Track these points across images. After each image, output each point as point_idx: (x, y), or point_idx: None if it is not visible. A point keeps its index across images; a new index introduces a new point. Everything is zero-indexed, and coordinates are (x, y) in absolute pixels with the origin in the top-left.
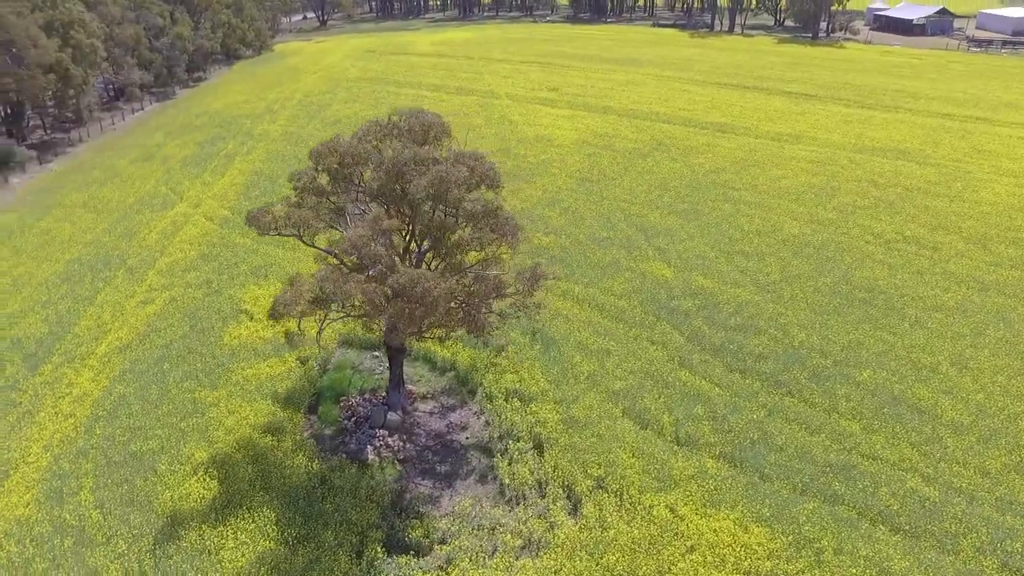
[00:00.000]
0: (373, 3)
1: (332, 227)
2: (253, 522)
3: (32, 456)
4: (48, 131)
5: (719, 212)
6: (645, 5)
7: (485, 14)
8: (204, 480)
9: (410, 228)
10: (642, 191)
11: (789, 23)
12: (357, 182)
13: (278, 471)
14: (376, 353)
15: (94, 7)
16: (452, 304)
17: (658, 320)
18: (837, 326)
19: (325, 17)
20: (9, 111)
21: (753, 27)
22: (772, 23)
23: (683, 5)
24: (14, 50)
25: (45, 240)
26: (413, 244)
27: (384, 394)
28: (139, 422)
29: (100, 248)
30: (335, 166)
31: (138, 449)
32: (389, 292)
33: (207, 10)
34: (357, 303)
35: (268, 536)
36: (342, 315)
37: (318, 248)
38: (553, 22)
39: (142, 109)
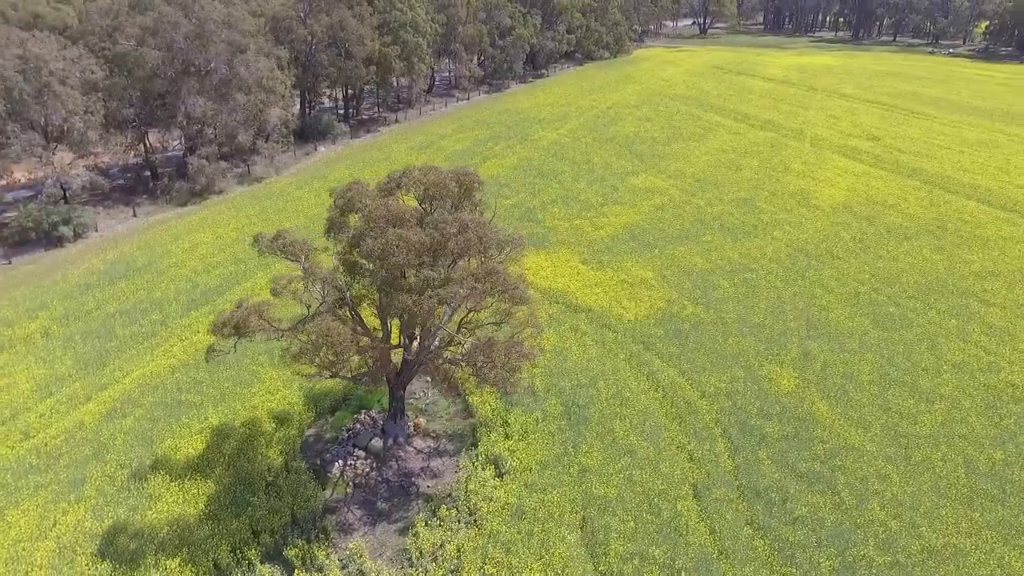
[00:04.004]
0: (767, 16)
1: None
2: (195, 489)
3: (127, 381)
4: (380, 110)
5: (934, 328)
6: None
7: (882, 37)
8: (197, 441)
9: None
10: (858, 280)
11: None
12: None
13: (249, 454)
14: (427, 378)
15: (445, 8)
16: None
17: (721, 436)
18: (947, 519)
19: (706, 25)
20: (351, 92)
21: None
22: None
23: None
24: (346, 46)
25: (286, 206)
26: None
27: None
28: (205, 377)
29: (312, 221)
30: (344, 206)
31: (185, 399)
32: (305, 338)
33: (562, 14)
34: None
35: (195, 505)
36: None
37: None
38: (956, 55)
39: (467, 99)
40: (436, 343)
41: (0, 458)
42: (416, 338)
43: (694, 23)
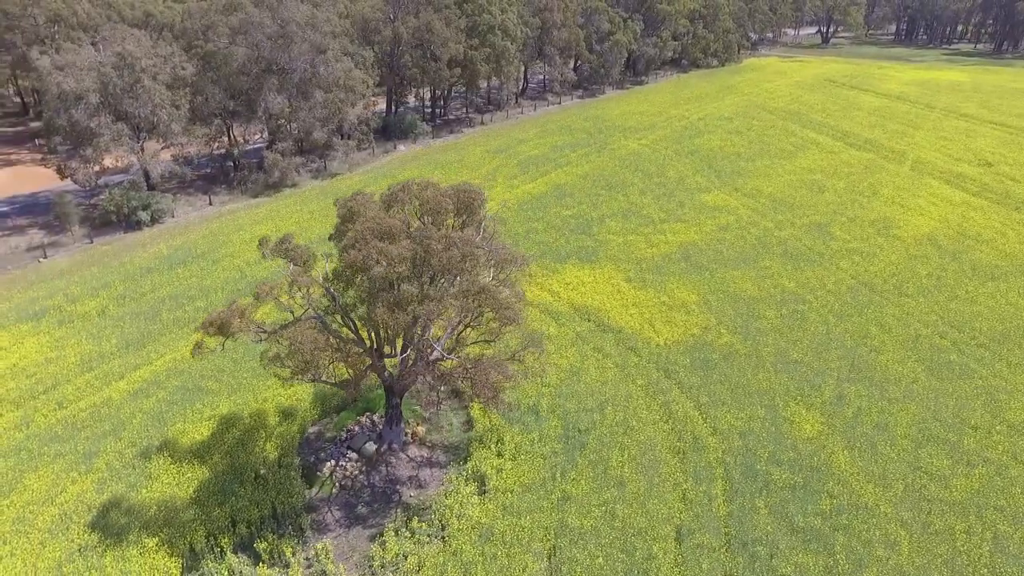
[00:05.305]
0: (899, 26)
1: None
2: (190, 473)
3: (159, 363)
4: (467, 112)
5: (997, 382)
6: None
7: None
8: (204, 427)
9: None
10: (922, 321)
11: None
12: None
13: (248, 447)
14: (442, 388)
15: (540, 12)
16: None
17: (722, 478)
18: None
19: (829, 35)
20: (437, 92)
21: None
22: None
23: None
24: (431, 48)
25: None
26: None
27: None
28: (228, 366)
29: None
30: (345, 216)
31: (204, 386)
32: (283, 343)
33: (666, 20)
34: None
35: (186, 489)
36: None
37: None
38: None
39: (559, 104)
40: (435, 355)
41: (33, 425)
42: (405, 350)
43: (817, 31)
